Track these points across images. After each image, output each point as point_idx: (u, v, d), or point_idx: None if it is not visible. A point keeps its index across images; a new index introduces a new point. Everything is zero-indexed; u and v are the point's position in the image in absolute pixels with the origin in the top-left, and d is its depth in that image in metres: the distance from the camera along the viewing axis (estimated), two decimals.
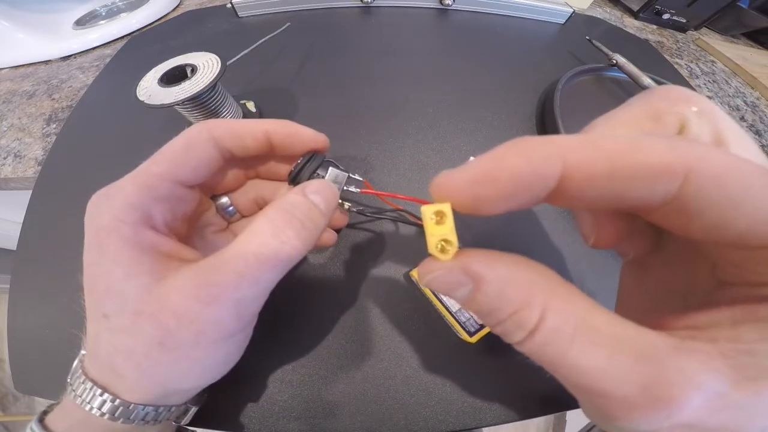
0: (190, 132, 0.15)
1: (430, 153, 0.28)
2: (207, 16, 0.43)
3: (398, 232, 0.24)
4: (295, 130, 0.16)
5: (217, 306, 0.12)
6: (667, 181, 0.08)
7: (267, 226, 0.12)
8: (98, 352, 0.13)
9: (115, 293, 0.12)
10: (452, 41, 0.40)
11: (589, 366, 0.08)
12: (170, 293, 0.12)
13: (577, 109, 0.31)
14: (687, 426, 0.08)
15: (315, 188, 0.14)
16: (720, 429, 0.08)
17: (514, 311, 0.09)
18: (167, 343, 0.12)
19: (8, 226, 0.58)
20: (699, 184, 0.08)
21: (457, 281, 0.10)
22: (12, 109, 0.35)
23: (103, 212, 0.13)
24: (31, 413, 1.04)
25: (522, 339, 0.09)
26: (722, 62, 0.50)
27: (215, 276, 0.12)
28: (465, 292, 0.10)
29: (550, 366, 0.09)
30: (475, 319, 0.19)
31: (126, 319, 0.12)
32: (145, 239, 0.13)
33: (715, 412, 0.08)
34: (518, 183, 0.09)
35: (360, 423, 0.19)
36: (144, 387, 0.13)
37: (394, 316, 0.22)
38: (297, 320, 0.21)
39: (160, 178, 0.14)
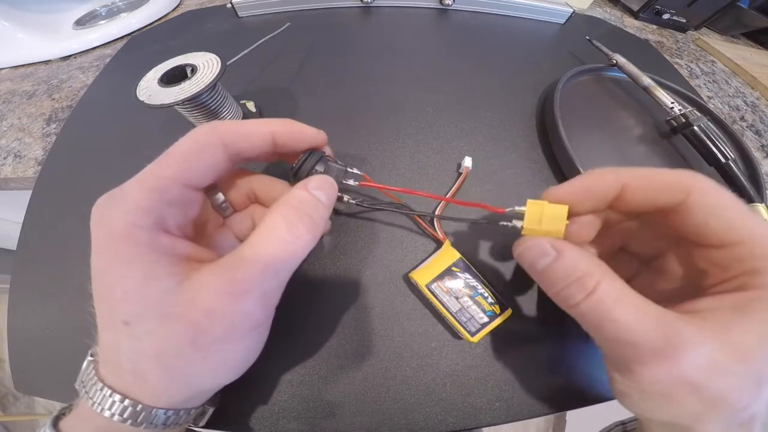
0: (199, 134, 0.15)
1: (430, 153, 0.28)
2: (207, 16, 0.43)
3: (398, 233, 0.24)
4: (298, 129, 0.17)
5: (247, 298, 0.13)
6: (678, 192, 0.14)
7: (281, 222, 0.14)
8: (118, 359, 0.13)
9: (135, 299, 0.12)
10: (452, 41, 0.40)
11: (627, 321, 0.12)
12: (199, 292, 0.13)
13: (577, 109, 0.31)
14: (692, 385, 0.12)
15: (316, 184, 0.15)
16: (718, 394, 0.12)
17: (581, 277, 0.13)
18: (200, 341, 0.13)
19: (8, 226, 0.58)
20: (696, 196, 0.13)
21: (544, 251, 0.15)
22: (12, 109, 0.35)
23: (115, 217, 0.12)
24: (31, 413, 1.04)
25: (581, 299, 0.13)
26: (722, 62, 0.50)
27: (242, 271, 0.13)
28: (548, 261, 0.14)
29: (595, 321, 0.13)
30: (476, 320, 0.19)
31: (151, 323, 0.12)
32: (161, 243, 0.13)
33: (712, 374, 0.12)
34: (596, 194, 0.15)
35: (360, 423, 0.19)
36: (171, 390, 0.13)
37: (394, 316, 0.22)
38: (297, 320, 0.21)
39: (171, 182, 0.14)
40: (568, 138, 0.27)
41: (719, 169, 0.27)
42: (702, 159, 0.29)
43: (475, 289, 0.20)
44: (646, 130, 0.32)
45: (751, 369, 0.12)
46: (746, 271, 0.13)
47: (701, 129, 0.29)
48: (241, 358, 0.15)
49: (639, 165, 0.29)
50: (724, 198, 0.13)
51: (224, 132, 0.15)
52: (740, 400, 0.12)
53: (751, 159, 0.30)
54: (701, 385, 0.12)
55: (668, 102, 0.30)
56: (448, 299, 0.20)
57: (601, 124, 0.32)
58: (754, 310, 0.12)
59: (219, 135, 0.15)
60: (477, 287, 0.20)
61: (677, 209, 0.14)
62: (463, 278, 0.20)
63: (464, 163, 0.26)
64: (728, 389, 0.12)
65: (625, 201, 0.15)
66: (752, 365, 0.12)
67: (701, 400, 0.12)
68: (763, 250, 0.13)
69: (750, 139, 0.38)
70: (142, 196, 0.13)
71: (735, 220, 0.13)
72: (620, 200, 0.15)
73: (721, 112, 0.41)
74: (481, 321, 0.19)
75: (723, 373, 0.12)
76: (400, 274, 0.23)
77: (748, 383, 0.12)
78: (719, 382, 0.12)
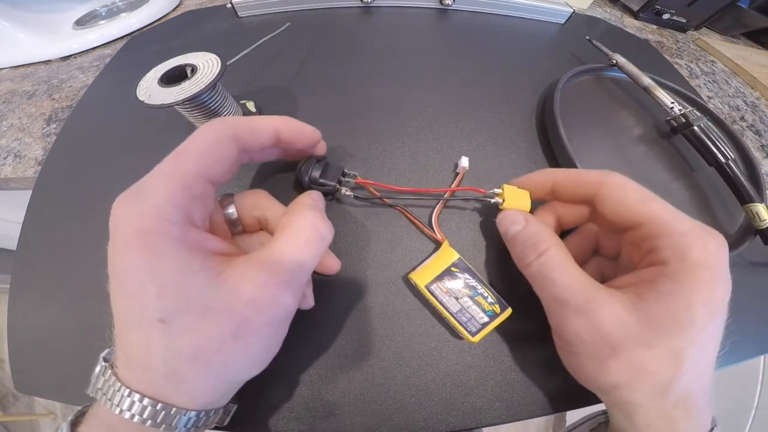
0: (215, 128, 0.15)
1: (430, 153, 0.28)
2: (207, 16, 0.43)
3: (398, 233, 0.24)
4: (300, 128, 0.19)
5: (288, 290, 0.14)
6: (591, 185, 0.17)
7: (308, 223, 0.16)
8: (150, 361, 0.12)
9: (173, 294, 0.12)
10: (452, 41, 0.40)
11: (561, 282, 0.16)
12: (240, 284, 0.13)
13: (577, 109, 0.31)
14: (611, 346, 0.14)
15: (315, 197, 0.18)
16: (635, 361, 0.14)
17: (536, 242, 0.17)
18: (241, 333, 0.13)
19: (8, 226, 0.58)
20: (605, 188, 0.17)
21: (515, 220, 0.19)
22: (12, 109, 0.35)
23: (145, 213, 0.12)
24: (31, 413, 1.04)
25: (533, 259, 0.17)
26: (722, 62, 0.50)
27: (282, 265, 0.14)
28: (518, 228, 0.18)
29: (539, 279, 0.17)
30: (476, 320, 0.19)
31: (191, 317, 0.12)
32: (192, 237, 0.13)
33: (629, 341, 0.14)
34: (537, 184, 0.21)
35: (360, 423, 0.19)
36: (206, 389, 0.13)
37: (394, 316, 0.22)
38: (296, 320, 0.21)
39: (195, 177, 0.14)
40: (568, 138, 0.27)
41: (719, 169, 0.27)
42: (702, 159, 0.29)
43: (475, 289, 0.20)
44: (646, 130, 0.32)
45: (665, 340, 0.14)
46: (650, 248, 0.15)
47: (701, 129, 0.29)
48: (275, 346, 0.15)
49: (639, 165, 0.30)
50: (628, 188, 0.16)
51: (236, 126, 0.15)
52: (660, 371, 0.14)
53: (751, 159, 0.30)
54: (618, 347, 0.14)
55: (668, 102, 0.30)
56: (447, 300, 0.20)
57: (601, 124, 0.32)
58: (659, 282, 0.14)
59: (232, 129, 0.15)
60: (476, 287, 0.20)
61: (595, 201, 0.17)
62: (462, 278, 0.20)
63: (461, 163, 0.26)
64: (645, 358, 0.14)
65: (557, 193, 0.19)
66: (664, 336, 0.14)
67: (623, 365, 0.14)
68: (659, 229, 0.15)
69: (750, 139, 0.38)
70: (170, 191, 0.13)
71: (636, 206, 0.16)
72: (553, 193, 0.20)
73: (721, 112, 0.41)
74: (482, 321, 0.19)
75: (637, 340, 0.14)
76: (399, 274, 0.23)
77: (663, 354, 0.14)
78: (635, 348, 0.14)
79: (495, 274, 0.23)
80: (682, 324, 0.14)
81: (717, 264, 0.14)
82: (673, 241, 0.14)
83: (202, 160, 0.14)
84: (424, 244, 0.24)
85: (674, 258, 0.14)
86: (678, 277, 0.14)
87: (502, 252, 0.23)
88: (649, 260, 0.15)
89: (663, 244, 0.14)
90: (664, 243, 0.14)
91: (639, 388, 0.14)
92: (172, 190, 0.13)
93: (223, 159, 0.15)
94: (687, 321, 0.14)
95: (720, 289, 0.14)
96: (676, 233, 0.14)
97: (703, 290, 0.13)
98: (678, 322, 0.14)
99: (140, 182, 0.13)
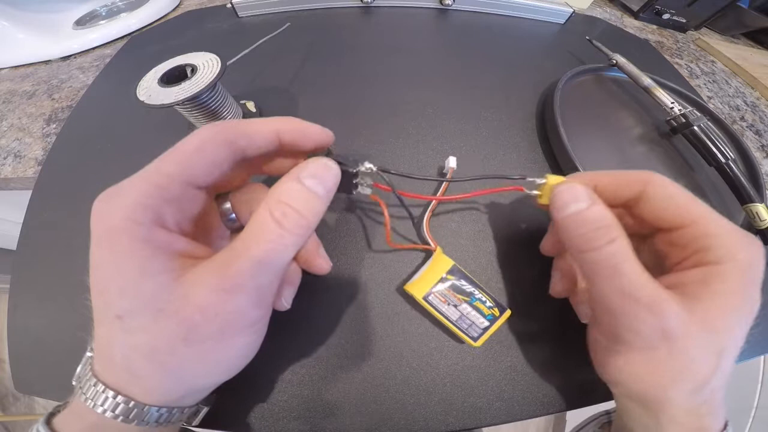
0: (204, 133, 0.14)
1: (430, 153, 0.28)
2: (207, 16, 0.43)
3: (400, 233, 0.24)
4: (304, 128, 0.17)
5: (240, 294, 0.13)
6: (637, 185, 0.17)
7: (268, 217, 0.13)
8: (112, 354, 0.13)
9: (130, 293, 0.12)
10: (452, 41, 0.40)
11: (634, 277, 0.14)
12: (192, 288, 0.13)
13: (577, 109, 0.31)
14: (668, 348, 0.14)
15: (310, 171, 0.14)
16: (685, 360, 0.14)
17: (608, 225, 0.15)
18: (192, 338, 0.13)
19: (8, 226, 0.58)
20: (652, 187, 0.16)
21: (581, 197, 0.16)
22: (12, 109, 0.35)
23: (114, 212, 0.12)
24: (31, 413, 1.04)
25: (603, 243, 0.15)
26: (722, 62, 0.50)
27: (235, 266, 0.13)
28: (581, 206, 0.16)
29: (606, 269, 0.15)
30: (477, 325, 0.19)
31: (145, 318, 0.12)
32: (158, 238, 0.13)
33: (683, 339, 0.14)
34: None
35: (360, 423, 0.19)
36: (164, 387, 0.13)
37: (394, 316, 0.22)
38: (297, 320, 0.21)
39: (171, 179, 0.13)
40: (568, 138, 0.27)
41: (719, 169, 0.27)
42: (702, 159, 0.29)
43: (472, 294, 0.20)
44: (646, 130, 0.32)
45: (713, 339, 0.14)
46: (700, 248, 0.15)
47: (701, 129, 0.29)
48: (236, 356, 0.15)
49: (639, 165, 0.30)
50: (674, 188, 0.16)
51: (229, 130, 0.15)
52: (702, 370, 0.14)
53: (751, 159, 0.30)
54: (676, 346, 0.14)
55: (668, 102, 0.30)
56: (446, 309, 0.19)
57: (601, 124, 0.32)
58: (713, 282, 0.14)
59: (224, 133, 0.14)
60: (474, 293, 0.20)
61: (640, 200, 0.17)
62: (458, 285, 0.20)
63: (449, 163, 0.25)
64: (695, 357, 0.14)
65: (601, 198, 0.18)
66: (714, 335, 0.14)
67: (672, 366, 0.14)
68: (713, 229, 0.15)
69: (750, 139, 0.38)
70: (141, 192, 0.13)
71: (685, 206, 0.16)
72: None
73: (721, 112, 0.41)
74: (483, 326, 0.19)
75: (691, 339, 0.14)
76: (399, 274, 0.23)
77: (708, 353, 0.14)
78: (689, 348, 0.14)
79: (490, 277, 0.23)
80: (731, 324, 0.14)
81: (760, 265, 0.14)
82: (725, 241, 0.14)
83: (185, 162, 0.14)
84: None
85: (727, 258, 0.14)
86: (731, 277, 0.14)
87: (496, 254, 0.24)
88: (696, 260, 0.15)
89: (715, 243, 0.14)
90: (717, 243, 0.14)
91: (680, 386, 0.14)
92: (144, 191, 0.13)
93: (209, 164, 0.14)
94: (735, 321, 0.14)
95: (759, 290, 0.14)
96: (725, 233, 0.15)
97: (750, 290, 0.14)
98: (728, 322, 0.14)
99: (121, 182, 0.13)
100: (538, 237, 0.22)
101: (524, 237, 0.25)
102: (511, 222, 0.25)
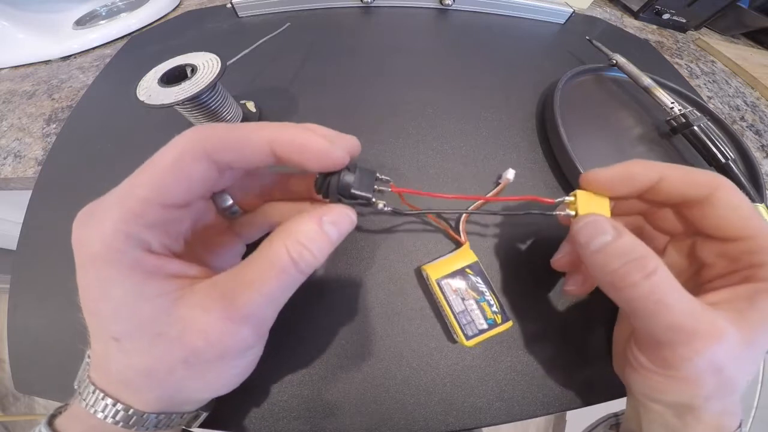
0: (180, 145, 0.13)
1: (430, 153, 0.28)
2: (207, 16, 0.43)
3: (399, 233, 0.24)
4: (303, 142, 0.13)
5: (246, 326, 0.13)
6: (706, 188, 0.16)
7: (285, 255, 0.12)
8: (108, 367, 0.13)
9: (125, 316, 0.12)
10: (452, 41, 0.40)
11: (679, 307, 0.13)
12: (193, 312, 0.12)
13: (577, 109, 0.31)
14: (717, 369, 0.13)
15: (333, 218, 0.14)
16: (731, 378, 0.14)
17: (641, 257, 0.14)
18: (192, 361, 0.13)
19: (8, 226, 0.58)
20: (722, 193, 0.15)
21: (603, 230, 0.15)
22: (12, 109, 0.35)
23: (93, 238, 0.12)
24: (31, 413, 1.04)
25: (639, 278, 0.13)
26: (722, 62, 0.50)
27: (243, 298, 0.12)
28: (606, 239, 0.15)
29: (651, 304, 0.13)
30: (475, 324, 0.19)
31: (143, 341, 0.12)
32: (147, 264, 0.12)
33: (732, 361, 0.13)
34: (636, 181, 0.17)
35: (360, 423, 0.19)
36: (163, 400, 0.14)
37: (394, 316, 0.22)
38: (297, 320, 0.21)
39: (147, 204, 0.12)
40: (568, 138, 0.27)
41: (719, 169, 0.28)
42: (702, 159, 0.29)
43: (483, 294, 0.20)
44: (646, 130, 0.32)
45: (754, 353, 0.14)
46: (753, 263, 0.15)
47: (701, 129, 0.29)
48: (233, 376, 0.15)
49: None
50: (742, 198, 0.15)
51: (208, 140, 0.13)
52: (742, 382, 0.14)
53: (751, 159, 0.30)
54: (723, 370, 0.13)
55: (668, 102, 0.30)
56: (453, 298, 0.20)
57: (601, 124, 0.32)
58: (759, 299, 0.14)
59: (202, 144, 0.13)
60: (485, 293, 0.20)
61: (702, 203, 0.16)
62: (474, 281, 0.20)
63: (506, 174, 0.25)
64: (740, 373, 0.14)
65: (660, 191, 0.17)
66: (756, 350, 0.14)
67: (718, 384, 0.14)
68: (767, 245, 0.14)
69: (750, 139, 0.38)
70: (119, 219, 0.12)
71: (750, 218, 0.15)
72: (653, 190, 0.17)
73: (721, 112, 0.41)
74: (480, 327, 0.19)
75: (739, 359, 0.14)
76: (400, 274, 0.23)
77: (750, 366, 0.14)
78: (736, 367, 0.14)
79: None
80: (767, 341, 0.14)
81: None
82: None
83: (156, 184, 0.12)
84: (436, 244, 0.24)
85: None
86: None
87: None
88: (748, 275, 0.15)
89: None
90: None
91: (717, 397, 0.14)
92: (119, 217, 0.12)
93: (187, 182, 0.13)
94: None
95: None
96: None
97: None
98: (766, 338, 0.14)
99: (98, 201, 0.12)
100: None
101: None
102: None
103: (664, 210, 0.18)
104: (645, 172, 0.16)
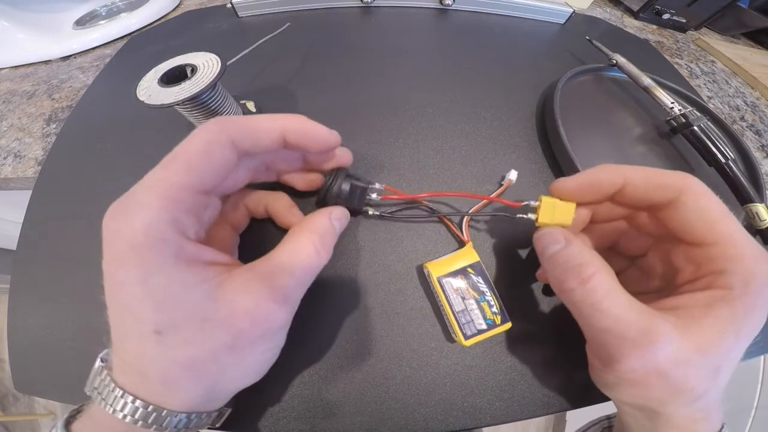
0: (207, 134, 0.14)
1: (430, 153, 0.28)
2: (207, 16, 0.43)
3: (399, 232, 0.24)
4: (310, 129, 0.17)
5: (285, 304, 0.15)
6: (673, 190, 0.15)
7: (309, 243, 0.15)
8: (145, 369, 0.13)
9: (171, 307, 0.12)
10: (452, 41, 0.40)
11: (614, 313, 0.14)
12: (240, 296, 0.13)
13: (577, 109, 0.31)
14: (659, 373, 0.13)
15: (337, 215, 0.18)
16: (679, 382, 0.14)
17: (579, 264, 0.15)
18: (236, 344, 0.13)
19: (8, 226, 0.58)
20: (688, 195, 0.15)
21: (556, 239, 0.16)
22: (12, 109, 0.35)
23: (134, 229, 0.12)
24: (31, 413, 1.04)
25: (575, 285, 0.14)
26: (722, 62, 0.50)
27: (283, 280, 0.14)
28: (557, 248, 0.16)
29: (586, 309, 0.14)
30: (474, 324, 0.19)
31: (189, 329, 0.12)
32: (187, 251, 0.13)
33: (677, 365, 0.13)
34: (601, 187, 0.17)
35: (360, 423, 0.19)
36: (201, 396, 0.14)
37: (394, 316, 0.22)
38: (297, 320, 0.21)
39: (184, 190, 0.13)
40: (568, 138, 0.27)
41: (719, 169, 0.27)
42: (702, 159, 0.29)
43: (484, 294, 0.20)
44: (646, 130, 0.32)
45: (710, 360, 0.14)
46: (715, 270, 0.14)
47: (701, 129, 0.29)
48: (266, 360, 0.16)
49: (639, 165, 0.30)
50: (711, 201, 0.15)
51: (233, 129, 0.14)
52: (698, 387, 0.14)
53: (751, 159, 0.30)
54: (668, 375, 0.13)
55: (668, 102, 0.30)
56: (454, 297, 0.20)
57: (601, 124, 0.32)
58: (717, 307, 0.14)
59: (227, 133, 0.14)
60: (486, 293, 0.20)
61: (669, 206, 0.15)
62: (475, 281, 0.20)
63: (509, 176, 0.25)
64: (689, 378, 0.14)
65: (625, 195, 0.17)
66: (711, 357, 0.14)
67: (666, 388, 0.14)
68: (733, 252, 0.14)
69: (750, 139, 0.38)
70: (159, 206, 0.12)
71: (716, 223, 0.14)
72: (620, 194, 0.17)
73: (721, 112, 0.41)
74: (479, 327, 0.19)
75: (686, 365, 0.13)
76: (400, 274, 0.23)
77: (706, 372, 0.14)
78: (682, 372, 0.14)
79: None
80: (729, 346, 0.14)
81: None
82: (743, 267, 0.14)
83: (193, 171, 0.13)
84: (434, 243, 0.24)
85: (740, 284, 0.13)
86: (737, 305, 0.13)
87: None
88: (709, 282, 0.14)
89: (734, 268, 0.14)
90: (736, 268, 0.14)
91: (674, 402, 0.14)
92: (163, 206, 0.12)
93: (217, 167, 0.14)
94: (733, 344, 0.14)
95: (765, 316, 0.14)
96: (747, 258, 0.14)
97: (755, 315, 0.14)
98: (726, 345, 0.14)
99: (130, 193, 0.13)
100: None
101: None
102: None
103: (641, 213, 0.18)
104: (609, 178, 0.17)
